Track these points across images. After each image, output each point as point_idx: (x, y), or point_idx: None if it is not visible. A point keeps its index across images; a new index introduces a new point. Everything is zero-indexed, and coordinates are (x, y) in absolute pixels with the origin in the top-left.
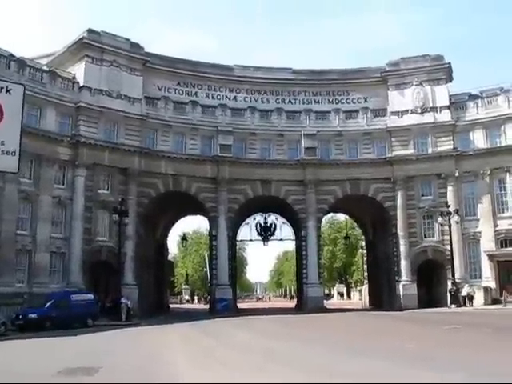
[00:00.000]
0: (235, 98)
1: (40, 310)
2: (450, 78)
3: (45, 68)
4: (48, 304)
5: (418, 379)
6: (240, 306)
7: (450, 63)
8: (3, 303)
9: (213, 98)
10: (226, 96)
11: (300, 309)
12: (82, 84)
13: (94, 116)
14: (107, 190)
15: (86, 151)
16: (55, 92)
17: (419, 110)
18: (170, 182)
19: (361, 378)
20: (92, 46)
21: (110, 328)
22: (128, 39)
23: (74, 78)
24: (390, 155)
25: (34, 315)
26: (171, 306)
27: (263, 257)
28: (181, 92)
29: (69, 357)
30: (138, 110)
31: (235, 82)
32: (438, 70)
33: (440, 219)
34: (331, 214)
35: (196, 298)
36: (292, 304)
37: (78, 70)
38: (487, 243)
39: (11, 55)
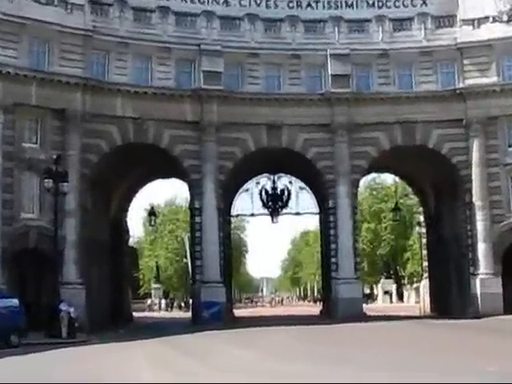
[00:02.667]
0: (226, 0)
1: None
2: None
3: None
4: None
5: None
6: (238, 313)
7: None
8: None
9: (192, 1)
10: None
11: (328, 316)
12: None
13: (13, 32)
14: (35, 142)
15: (3, 85)
16: None
17: (505, 18)
18: (129, 129)
19: None
20: None
21: (45, 348)
22: None
23: None
24: (461, 85)
25: None
26: (135, 314)
27: (271, 240)
28: None
29: None
30: (80, 22)
31: None
32: None
33: None
34: (373, 175)
35: (164, 302)
36: (316, 309)
37: None
38: None
39: None
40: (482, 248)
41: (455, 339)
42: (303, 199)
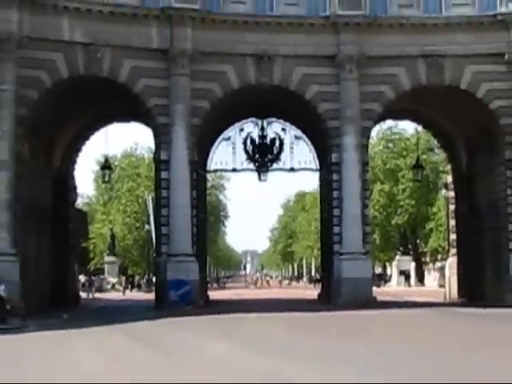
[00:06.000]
0: None
1: None
2: None
3: None
4: None
5: None
6: (214, 295)
7: None
8: None
9: None
10: None
11: (327, 301)
12: None
13: None
14: None
15: None
16: None
17: None
18: (79, 58)
19: None
20: None
21: None
22: None
23: None
24: (503, 10)
25: None
26: (84, 294)
27: (258, 204)
28: None
29: None
30: None
31: None
32: None
33: None
34: (389, 123)
35: (119, 280)
36: (312, 292)
37: None
38: None
39: None
40: None
41: (489, 334)
42: (299, 152)
